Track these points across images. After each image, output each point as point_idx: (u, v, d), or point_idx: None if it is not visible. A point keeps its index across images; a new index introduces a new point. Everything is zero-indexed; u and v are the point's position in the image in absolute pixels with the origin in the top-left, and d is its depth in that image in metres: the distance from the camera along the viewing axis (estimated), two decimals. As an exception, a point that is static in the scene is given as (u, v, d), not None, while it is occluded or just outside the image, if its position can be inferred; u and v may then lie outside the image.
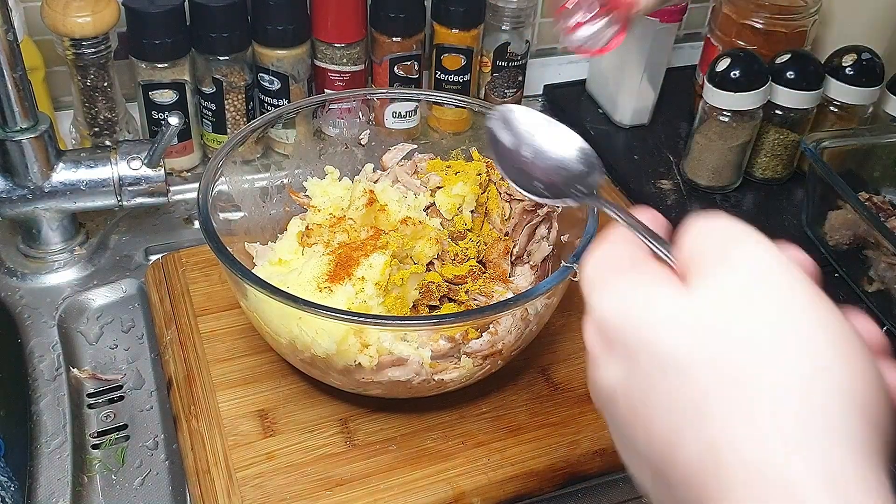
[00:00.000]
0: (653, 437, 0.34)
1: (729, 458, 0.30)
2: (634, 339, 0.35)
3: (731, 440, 0.30)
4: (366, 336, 0.63)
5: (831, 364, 0.31)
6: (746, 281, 0.33)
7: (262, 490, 0.64)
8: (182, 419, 0.70)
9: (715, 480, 0.31)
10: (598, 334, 0.37)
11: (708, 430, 0.31)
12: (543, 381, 0.74)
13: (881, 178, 0.98)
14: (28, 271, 0.84)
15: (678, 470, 0.32)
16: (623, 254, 0.39)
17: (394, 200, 0.73)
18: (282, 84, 0.95)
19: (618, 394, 0.36)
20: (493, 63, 1.04)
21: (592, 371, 0.39)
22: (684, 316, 0.33)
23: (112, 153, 0.82)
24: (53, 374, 0.76)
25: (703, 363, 0.32)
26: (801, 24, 1.04)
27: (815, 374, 0.30)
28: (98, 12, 0.83)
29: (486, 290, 0.70)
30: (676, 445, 0.32)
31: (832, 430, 0.29)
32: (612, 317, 0.36)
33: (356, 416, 0.70)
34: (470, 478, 0.66)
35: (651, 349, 0.34)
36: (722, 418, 0.31)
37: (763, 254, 0.34)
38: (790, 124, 1.00)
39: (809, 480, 0.29)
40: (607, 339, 0.37)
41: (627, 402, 0.35)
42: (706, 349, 0.32)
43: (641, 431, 0.34)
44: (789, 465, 0.29)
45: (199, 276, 0.80)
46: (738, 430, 0.30)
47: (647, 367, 0.34)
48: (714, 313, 0.33)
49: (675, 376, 0.33)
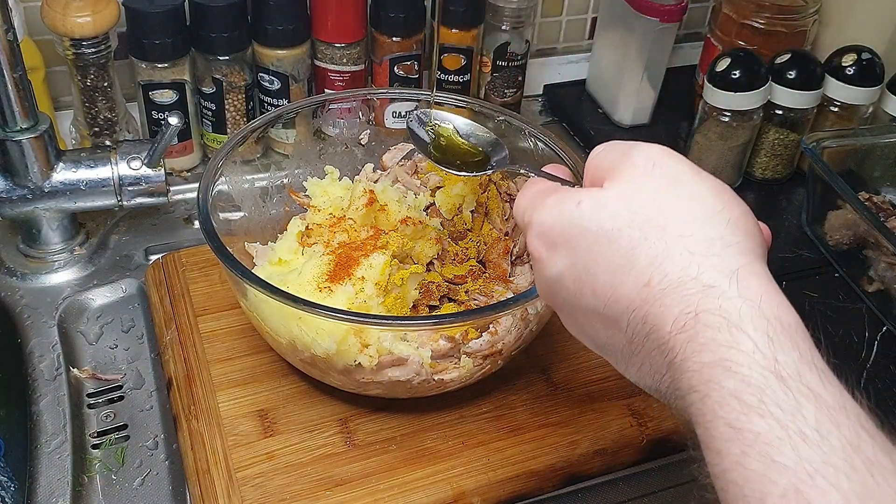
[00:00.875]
0: (598, 292, 0.44)
1: (658, 282, 0.41)
2: (572, 230, 0.45)
3: (657, 270, 0.41)
4: (366, 336, 0.63)
5: (720, 208, 0.43)
6: (646, 168, 0.44)
7: (262, 490, 0.64)
8: (182, 419, 0.70)
9: (648, 302, 0.41)
10: (541, 241, 0.47)
11: (638, 269, 0.42)
12: (543, 381, 0.74)
13: (881, 178, 0.98)
14: (28, 271, 0.84)
15: (621, 303, 0.43)
16: (545, 186, 0.51)
17: (394, 200, 0.73)
18: (282, 84, 0.95)
19: (564, 276, 0.46)
20: (493, 63, 1.04)
21: (540, 272, 0.48)
22: (605, 203, 0.44)
23: (112, 153, 0.82)
24: (53, 374, 0.76)
25: (625, 228, 0.43)
26: (801, 24, 1.04)
27: (708, 216, 0.42)
28: (98, 12, 0.83)
29: (486, 290, 0.70)
30: (617, 287, 0.43)
31: (729, 246, 0.41)
32: (551, 223, 0.46)
33: (356, 416, 0.70)
34: (470, 478, 0.66)
35: (585, 233, 0.44)
36: (647, 259, 0.42)
37: (655, 149, 0.45)
38: (790, 124, 1.00)
39: (718, 278, 0.40)
40: (550, 243, 0.47)
41: (573, 276, 0.45)
42: (625, 218, 0.43)
43: (588, 291, 0.44)
44: (702, 273, 0.40)
45: (199, 276, 0.80)
46: (661, 263, 0.41)
47: (585, 246, 0.44)
48: (626, 194, 0.44)
49: (607, 244, 0.43)
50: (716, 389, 0.37)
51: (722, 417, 0.37)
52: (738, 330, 0.38)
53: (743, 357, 0.37)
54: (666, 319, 0.40)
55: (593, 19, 1.19)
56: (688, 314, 0.39)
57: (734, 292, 0.39)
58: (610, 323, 0.44)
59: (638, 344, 0.43)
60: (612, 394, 0.73)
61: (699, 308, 0.39)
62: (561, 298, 0.48)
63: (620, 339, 0.44)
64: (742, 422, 0.36)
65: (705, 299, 0.39)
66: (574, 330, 0.49)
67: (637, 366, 0.44)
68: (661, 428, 0.71)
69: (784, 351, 0.37)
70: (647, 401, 0.73)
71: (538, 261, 0.48)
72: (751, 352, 0.37)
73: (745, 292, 0.39)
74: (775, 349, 0.37)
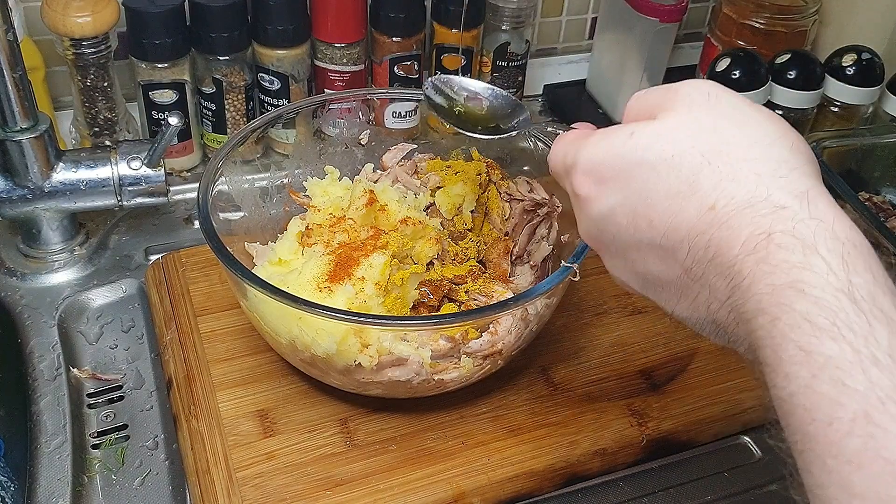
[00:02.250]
0: (655, 222, 0.43)
1: (724, 205, 0.40)
2: (625, 162, 0.44)
3: (722, 194, 0.40)
4: (366, 336, 0.63)
5: (780, 135, 0.43)
6: (700, 99, 0.44)
7: (262, 490, 0.64)
8: (182, 419, 0.70)
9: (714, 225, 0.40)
10: (589, 177, 0.46)
11: (701, 194, 0.41)
12: (543, 381, 0.74)
13: (881, 178, 0.98)
14: (28, 271, 0.84)
15: (681, 230, 0.42)
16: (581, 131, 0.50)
17: (394, 200, 0.73)
18: (282, 84, 0.95)
19: (616, 211, 0.45)
20: (493, 63, 1.04)
21: (587, 212, 0.47)
22: (662, 132, 0.43)
23: (112, 153, 0.82)
24: (53, 374, 0.76)
25: (686, 154, 0.42)
26: (801, 24, 1.04)
27: (771, 142, 0.42)
28: (98, 12, 0.83)
29: (486, 290, 0.70)
30: (678, 214, 0.42)
31: (794, 169, 0.41)
32: (602, 157, 0.45)
33: (356, 416, 0.70)
34: (470, 478, 0.66)
35: (643, 162, 0.43)
36: (712, 184, 0.41)
37: (707, 83, 0.45)
38: (790, 124, 1.00)
39: (788, 199, 0.39)
40: (600, 178, 0.45)
41: (627, 210, 0.44)
42: (686, 144, 0.42)
43: (644, 223, 0.43)
44: (771, 194, 0.39)
45: (199, 276, 0.80)
46: (727, 186, 0.40)
47: (641, 176, 0.43)
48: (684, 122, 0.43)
49: (667, 171, 0.42)
50: (787, 311, 0.36)
51: (793, 340, 0.36)
52: (813, 251, 0.37)
53: (816, 279, 0.36)
54: (733, 242, 0.39)
55: (593, 19, 1.19)
56: (759, 235, 0.38)
57: (806, 214, 0.38)
58: (666, 254, 0.43)
59: (697, 272, 0.42)
60: (612, 394, 0.73)
61: (772, 229, 0.38)
62: (610, 235, 0.46)
63: (676, 270, 0.43)
64: (813, 344, 0.35)
65: (777, 220, 0.38)
66: (620, 270, 0.48)
67: (692, 297, 0.43)
68: (661, 428, 0.71)
69: (858, 273, 0.36)
70: (646, 401, 0.73)
71: (586, 199, 0.47)
72: (825, 273, 0.36)
73: (817, 213, 0.38)
74: (849, 271, 0.36)
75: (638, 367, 0.76)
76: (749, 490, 0.71)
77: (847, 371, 0.34)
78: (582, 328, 0.79)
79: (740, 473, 0.72)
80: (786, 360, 0.36)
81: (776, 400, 0.37)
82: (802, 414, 0.35)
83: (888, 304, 0.36)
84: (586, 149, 0.46)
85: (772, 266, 0.38)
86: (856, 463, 0.33)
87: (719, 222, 0.40)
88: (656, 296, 0.47)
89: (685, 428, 0.72)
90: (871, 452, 0.32)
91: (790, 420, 0.36)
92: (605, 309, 0.81)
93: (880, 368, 0.33)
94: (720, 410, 0.74)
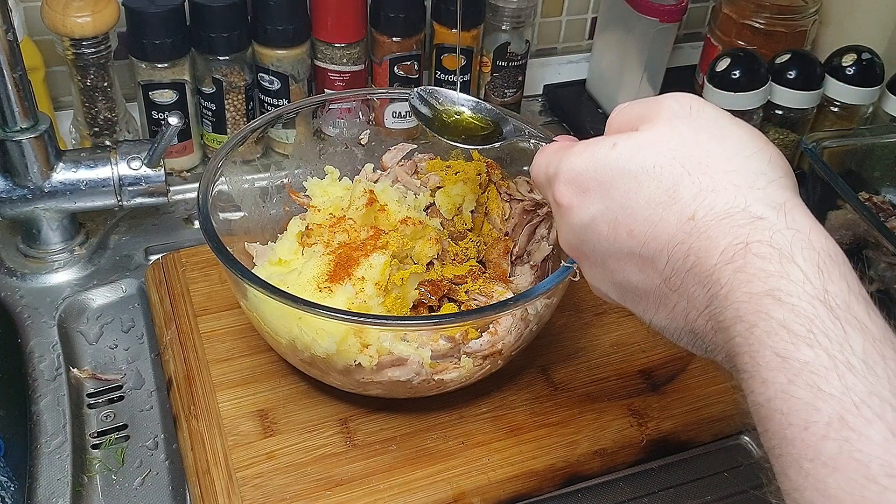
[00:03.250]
0: (635, 231, 0.43)
1: (703, 215, 0.41)
2: (607, 173, 0.45)
3: (701, 204, 0.41)
4: (366, 336, 0.63)
5: (759, 149, 0.43)
6: (682, 111, 0.45)
7: (262, 490, 0.64)
8: (182, 419, 0.70)
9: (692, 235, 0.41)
10: (571, 187, 0.47)
11: (681, 204, 0.42)
12: (543, 381, 0.74)
13: (881, 178, 0.98)
14: (28, 271, 0.84)
15: (660, 240, 0.42)
16: (564, 142, 0.51)
17: (394, 200, 0.73)
18: (282, 84, 0.95)
19: (597, 220, 0.45)
20: (493, 63, 1.04)
21: (568, 221, 0.48)
22: (644, 143, 0.44)
23: (112, 153, 0.82)
24: (53, 374, 0.76)
25: (667, 164, 0.43)
26: (801, 24, 1.04)
27: (750, 154, 0.43)
28: (98, 12, 0.83)
29: (486, 290, 0.70)
30: (657, 224, 0.42)
31: (771, 181, 0.42)
32: (584, 167, 0.46)
33: (356, 416, 0.70)
34: (470, 478, 0.66)
35: (624, 173, 0.44)
36: (691, 194, 0.42)
37: (688, 96, 0.46)
38: (790, 124, 1.00)
39: (766, 210, 0.40)
40: (582, 188, 0.46)
41: (608, 220, 0.45)
42: (666, 155, 0.43)
43: (624, 232, 0.44)
44: (749, 205, 0.40)
45: (199, 276, 0.80)
46: (706, 197, 0.41)
47: (622, 186, 0.44)
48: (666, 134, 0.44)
49: (648, 182, 0.43)
50: (764, 319, 0.37)
51: (770, 346, 0.37)
52: (789, 260, 0.38)
53: (793, 287, 0.37)
54: (712, 252, 0.40)
55: (593, 19, 1.19)
56: (737, 245, 0.39)
57: (783, 224, 0.39)
58: (646, 263, 0.44)
59: (676, 281, 0.42)
60: (612, 394, 0.73)
61: (749, 239, 0.39)
62: (590, 245, 0.47)
63: (655, 279, 0.44)
64: (790, 351, 0.36)
65: (755, 230, 0.39)
66: (599, 280, 0.49)
67: (670, 307, 0.44)
68: (661, 428, 0.71)
69: (833, 282, 0.37)
70: (646, 401, 0.73)
71: (567, 208, 0.47)
72: (801, 282, 0.37)
73: (794, 224, 0.39)
74: (825, 280, 0.37)
75: (638, 367, 0.76)
76: (749, 490, 0.71)
77: (823, 376, 0.35)
78: (582, 328, 0.79)
79: (740, 473, 0.72)
80: (763, 366, 0.37)
81: (753, 406, 0.38)
82: (780, 418, 0.36)
83: (862, 311, 0.37)
84: (569, 159, 0.47)
85: (749, 275, 0.38)
86: (831, 466, 0.33)
87: (698, 232, 0.41)
88: (634, 306, 0.47)
89: (685, 428, 0.72)
90: (846, 455, 0.33)
91: (768, 425, 0.37)
92: (605, 309, 0.81)
93: (855, 374, 0.34)
94: (720, 410, 0.74)
